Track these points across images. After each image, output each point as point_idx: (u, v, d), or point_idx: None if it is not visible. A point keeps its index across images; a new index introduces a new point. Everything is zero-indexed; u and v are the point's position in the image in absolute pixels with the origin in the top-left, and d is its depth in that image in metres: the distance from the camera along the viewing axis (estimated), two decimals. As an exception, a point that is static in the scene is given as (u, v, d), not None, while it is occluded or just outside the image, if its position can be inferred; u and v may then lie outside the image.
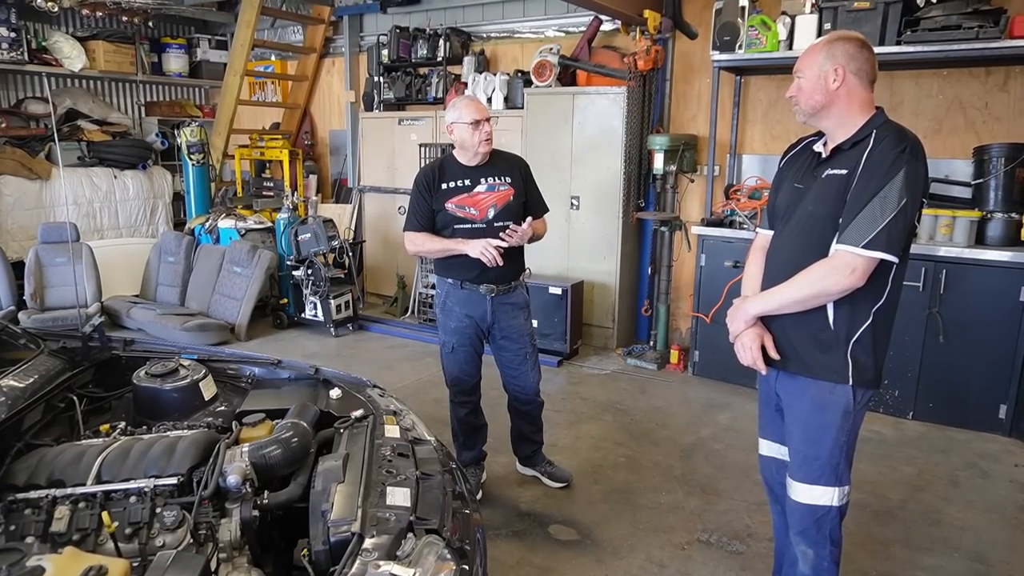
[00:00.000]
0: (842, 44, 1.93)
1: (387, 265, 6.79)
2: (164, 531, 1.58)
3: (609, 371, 5.05)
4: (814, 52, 1.96)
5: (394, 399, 2.31)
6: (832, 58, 1.91)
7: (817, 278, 1.88)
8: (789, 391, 2.08)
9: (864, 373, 1.95)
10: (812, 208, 1.97)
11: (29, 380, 2.10)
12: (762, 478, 2.36)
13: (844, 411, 1.97)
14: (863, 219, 1.81)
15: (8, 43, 6.22)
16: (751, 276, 2.22)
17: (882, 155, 1.84)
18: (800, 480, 2.04)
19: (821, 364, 1.97)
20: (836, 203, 1.90)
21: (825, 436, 1.98)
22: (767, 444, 2.27)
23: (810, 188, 2.01)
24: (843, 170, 1.91)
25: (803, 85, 1.96)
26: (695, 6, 5.13)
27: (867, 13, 3.98)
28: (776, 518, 2.33)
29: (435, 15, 6.47)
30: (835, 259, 1.86)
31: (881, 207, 1.80)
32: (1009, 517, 3.15)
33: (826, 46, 1.94)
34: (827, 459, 1.99)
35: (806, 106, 1.97)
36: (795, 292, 1.93)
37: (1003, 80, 4.22)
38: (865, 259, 1.81)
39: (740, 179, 5.06)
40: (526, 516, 3.11)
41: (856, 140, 1.92)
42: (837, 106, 1.93)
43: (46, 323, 5.19)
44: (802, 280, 1.91)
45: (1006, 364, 3.85)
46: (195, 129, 6.57)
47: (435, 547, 1.49)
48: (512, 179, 3.02)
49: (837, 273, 1.84)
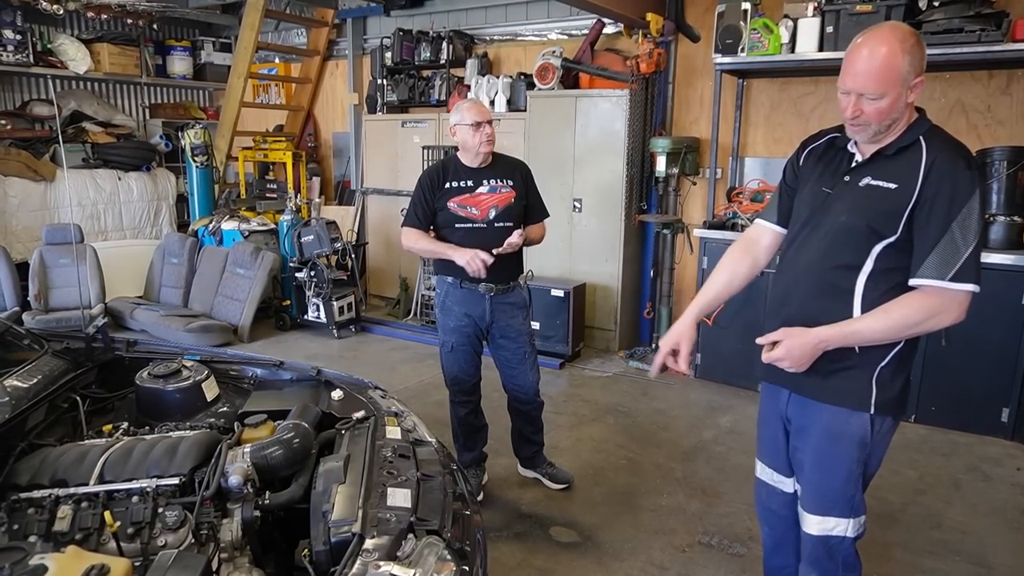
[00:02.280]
0: (918, 49, 1.65)
1: (390, 267, 6.80)
2: (166, 531, 1.59)
3: (611, 373, 5.05)
4: (896, 67, 1.63)
5: (395, 401, 2.31)
6: (914, 69, 1.65)
7: (917, 316, 1.67)
8: (800, 415, 1.91)
9: (888, 400, 1.79)
10: (846, 218, 1.77)
11: (33, 380, 2.12)
12: (755, 499, 2.20)
13: (860, 442, 1.81)
14: (945, 249, 1.63)
15: (13, 45, 6.25)
16: (724, 268, 2.05)
17: (948, 173, 1.65)
18: (811, 511, 1.89)
19: (838, 389, 1.80)
20: (879, 217, 1.71)
21: (838, 468, 1.83)
22: (763, 468, 2.11)
23: (843, 195, 1.80)
24: (890, 183, 1.70)
25: (882, 107, 1.66)
26: (697, 9, 5.14)
27: (870, 16, 3.98)
28: (765, 538, 2.19)
29: (438, 18, 6.49)
30: (930, 296, 1.66)
31: (962, 234, 1.62)
32: (1011, 520, 3.15)
33: (907, 57, 1.63)
34: (840, 491, 1.84)
35: (880, 126, 1.71)
36: (884, 327, 1.70)
37: (1006, 83, 4.22)
38: (962, 294, 1.63)
39: (742, 182, 5.06)
40: (527, 518, 3.11)
41: (901, 146, 1.72)
42: (903, 118, 1.73)
43: (50, 324, 5.21)
44: (895, 316, 1.68)
45: (1008, 367, 3.85)
46: (199, 131, 6.59)
47: (435, 548, 1.50)
48: (514, 182, 3.07)
49: (943, 312, 1.65)
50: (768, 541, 2.17)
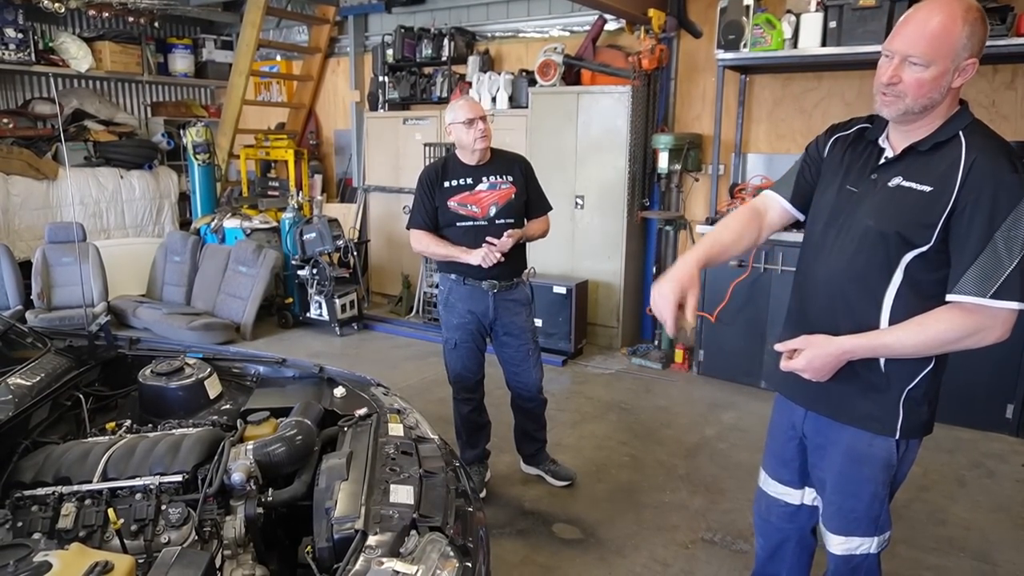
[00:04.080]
0: (980, 27, 1.47)
1: (392, 264, 6.79)
2: (169, 528, 1.59)
3: (614, 370, 5.04)
4: (952, 34, 1.45)
5: (398, 398, 2.31)
6: (971, 46, 1.47)
7: (954, 334, 1.52)
8: (818, 433, 1.79)
9: (915, 423, 1.66)
10: (873, 223, 1.59)
11: (36, 378, 2.12)
12: (754, 508, 2.09)
13: (885, 464, 1.68)
14: (987, 263, 1.46)
15: (15, 44, 6.25)
16: (732, 227, 1.83)
17: (991, 176, 1.47)
18: (834, 532, 1.79)
19: (861, 412, 1.67)
20: (910, 224, 1.54)
21: (862, 491, 1.72)
22: (767, 479, 1.99)
23: (868, 195, 1.62)
24: (924, 186, 1.53)
25: (924, 79, 1.47)
26: (700, 5, 5.12)
27: (873, 11, 3.96)
28: (759, 550, 2.11)
29: (440, 15, 6.48)
30: (971, 313, 1.49)
31: (1007, 246, 1.45)
32: (1015, 517, 3.14)
33: (967, 28, 1.45)
34: (864, 512, 1.73)
35: (915, 104, 1.51)
36: (917, 343, 1.55)
37: (1010, 78, 4.20)
38: (1005, 312, 1.47)
39: (745, 178, 5.05)
40: (530, 515, 3.11)
41: (938, 141, 1.54)
42: (944, 105, 1.53)
43: (53, 322, 5.21)
44: (931, 332, 1.53)
45: (1013, 364, 3.84)
46: (201, 129, 6.59)
47: (438, 544, 1.49)
48: (513, 177, 3.06)
49: (983, 331, 1.50)
50: (761, 553, 2.09)
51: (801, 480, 1.93)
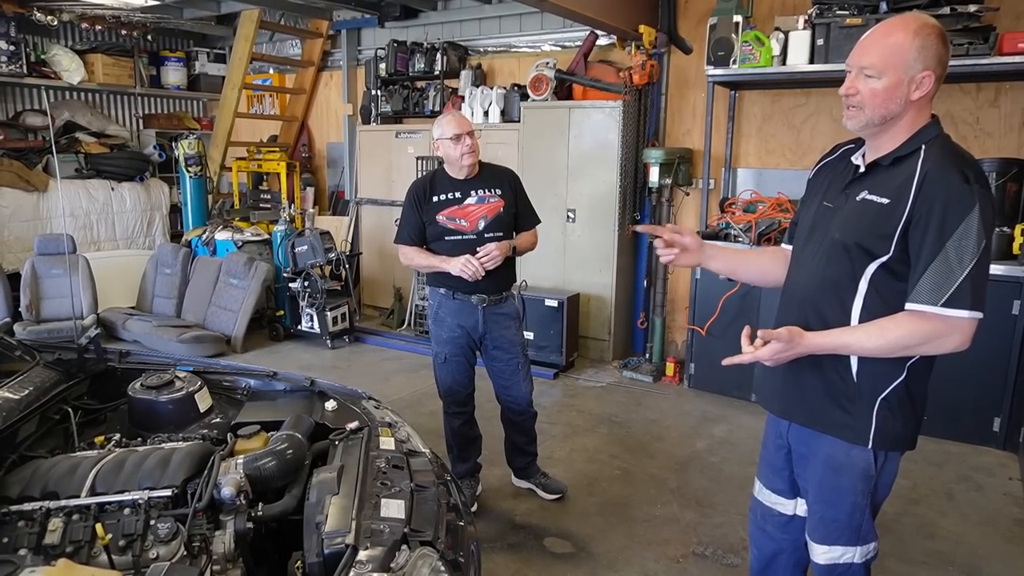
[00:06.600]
0: (935, 42, 1.52)
1: (384, 277, 6.79)
2: (158, 543, 1.58)
3: (605, 383, 5.05)
4: (902, 46, 1.52)
5: (389, 411, 2.31)
6: (923, 59, 1.52)
7: (912, 339, 1.56)
8: (801, 443, 1.83)
9: (889, 436, 1.67)
10: (839, 235, 1.65)
11: (24, 392, 2.10)
12: (749, 517, 2.12)
13: (863, 474, 1.71)
14: (938, 272, 1.51)
15: (7, 56, 6.25)
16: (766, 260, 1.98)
17: (941, 187, 1.51)
18: (817, 541, 1.82)
19: (835, 420, 1.70)
20: (869, 236, 1.60)
21: (842, 501, 1.74)
22: (761, 488, 2.03)
23: (840, 209, 1.69)
24: (883, 198, 1.59)
25: (877, 89, 1.54)
26: (690, 21, 5.19)
27: (860, 29, 4.02)
28: (752, 560, 2.12)
29: (432, 29, 6.53)
30: (929, 320, 1.54)
31: (957, 255, 1.50)
32: (1003, 530, 3.16)
33: (917, 41, 1.52)
34: (846, 522, 1.76)
35: (873, 115, 1.57)
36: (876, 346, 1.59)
37: (993, 96, 4.27)
38: (964, 320, 1.53)
39: (735, 192, 5.09)
40: (521, 528, 3.10)
41: (899, 155, 1.60)
42: (906, 118, 1.58)
43: (42, 335, 5.18)
44: (890, 336, 1.57)
45: (1000, 377, 3.87)
46: (193, 141, 6.60)
47: (429, 559, 1.49)
48: (502, 191, 3.07)
49: (941, 338, 1.54)
50: (755, 564, 2.10)
51: (792, 490, 1.95)
